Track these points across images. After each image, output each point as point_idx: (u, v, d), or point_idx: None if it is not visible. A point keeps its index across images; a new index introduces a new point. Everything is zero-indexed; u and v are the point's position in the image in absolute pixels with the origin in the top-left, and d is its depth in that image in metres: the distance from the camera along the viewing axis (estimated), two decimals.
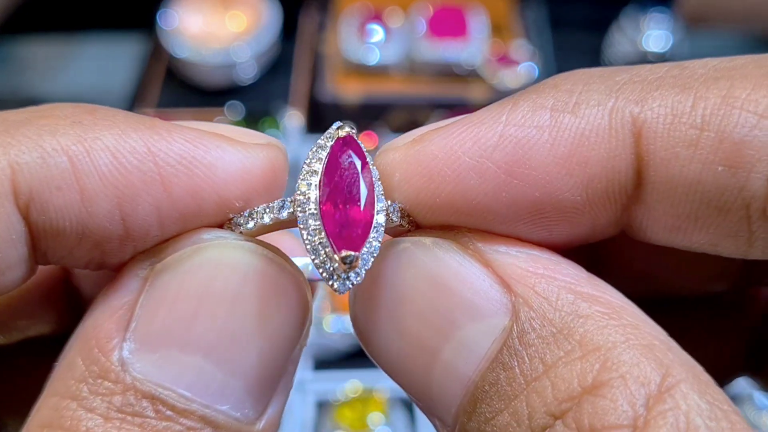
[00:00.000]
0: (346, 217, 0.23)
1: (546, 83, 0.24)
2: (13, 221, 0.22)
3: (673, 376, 0.20)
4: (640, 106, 0.22)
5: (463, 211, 0.24)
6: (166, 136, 0.24)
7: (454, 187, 0.23)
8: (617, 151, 0.22)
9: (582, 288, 0.23)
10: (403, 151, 0.24)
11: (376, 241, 0.24)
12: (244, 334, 0.24)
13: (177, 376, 0.23)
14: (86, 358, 0.23)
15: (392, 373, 0.25)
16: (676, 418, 0.19)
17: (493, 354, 0.22)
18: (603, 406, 0.20)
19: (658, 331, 0.22)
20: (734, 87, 0.22)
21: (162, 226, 0.24)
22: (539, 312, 0.22)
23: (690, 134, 0.22)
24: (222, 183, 0.24)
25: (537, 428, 0.21)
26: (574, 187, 0.23)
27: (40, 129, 0.23)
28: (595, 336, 0.21)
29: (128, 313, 0.23)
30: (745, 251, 0.23)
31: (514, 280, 0.23)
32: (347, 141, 0.24)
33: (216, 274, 0.24)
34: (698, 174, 0.22)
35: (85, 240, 0.23)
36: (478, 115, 0.24)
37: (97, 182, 0.23)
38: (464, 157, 0.23)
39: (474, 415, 0.23)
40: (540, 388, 0.21)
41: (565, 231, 0.24)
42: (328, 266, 0.23)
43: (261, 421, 0.24)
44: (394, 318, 0.24)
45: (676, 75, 0.23)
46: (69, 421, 0.22)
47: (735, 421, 0.20)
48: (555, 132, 0.23)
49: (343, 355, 0.87)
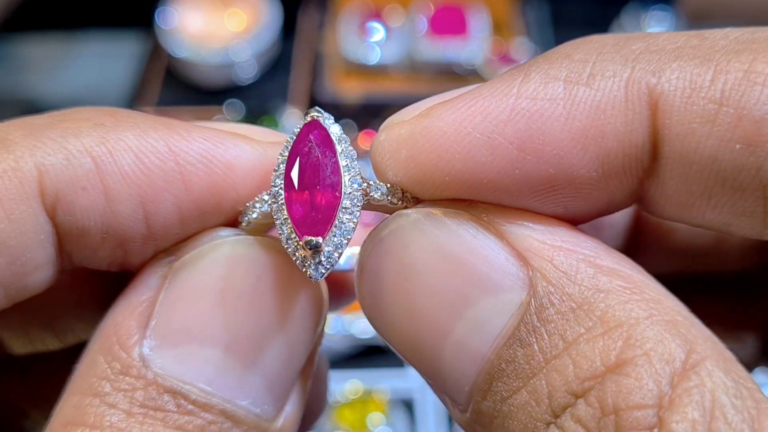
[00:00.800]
0: (310, 202, 0.23)
1: (557, 52, 0.23)
2: (41, 221, 0.23)
3: (698, 353, 0.20)
4: (657, 77, 0.21)
5: (474, 189, 0.23)
6: (185, 136, 0.24)
7: (465, 164, 0.22)
8: (634, 125, 0.21)
9: (602, 261, 0.22)
10: (410, 126, 0.23)
11: (350, 222, 0.23)
12: (262, 329, 0.24)
13: (198, 371, 0.23)
14: (108, 355, 0.23)
15: (402, 352, 0.25)
16: (701, 396, 0.19)
17: (510, 330, 0.22)
18: (627, 385, 0.19)
19: (680, 306, 0.21)
20: (757, 61, 0.20)
21: (183, 223, 0.24)
22: (558, 286, 0.21)
23: (708, 109, 0.21)
24: (240, 180, 0.25)
25: (557, 407, 0.20)
26: (590, 163, 0.22)
27: (64, 131, 0.23)
28: (617, 311, 0.20)
29: (148, 310, 0.24)
30: (760, 231, 0.22)
31: (531, 253, 0.22)
32: (313, 126, 0.24)
33: (234, 270, 0.24)
34: (714, 151, 0.21)
35: (109, 239, 0.24)
36: (488, 87, 0.23)
37: (120, 182, 0.23)
38: (474, 132, 0.22)
39: (489, 394, 0.22)
40: (560, 366, 0.21)
41: (580, 206, 0.23)
42: (299, 254, 0.23)
43: (280, 419, 0.25)
44: (404, 294, 0.23)
45: (695, 45, 0.22)
46: (92, 417, 0.22)
47: (760, 399, 0.19)
48: (569, 105, 0.22)
49: (343, 356, 0.87)
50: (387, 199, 0.24)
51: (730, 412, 0.19)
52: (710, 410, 0.19)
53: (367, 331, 0.85)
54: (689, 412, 0.19)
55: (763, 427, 0.19)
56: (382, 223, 0.24)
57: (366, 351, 0.87)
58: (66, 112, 0.25)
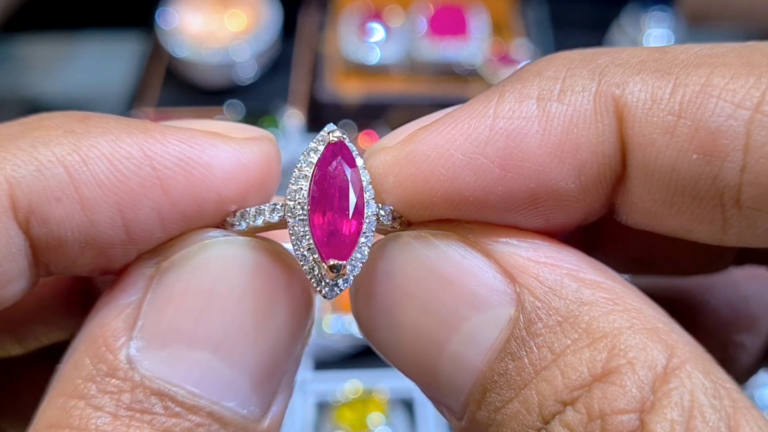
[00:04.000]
0: (334, 224, 0.23)
1: (528, 70, 0.24)
2: (13, 235, 0.22)
3: (678, 357, 0.21)
4: (621, 89, 0.22)
5: (460, 208, 0.24)
6: (160, 139, 0.24)
7: (450, 185, 0.23)
8: (604, 136, 0.23)
9: (584, 275, 0.23)
10: (394, 152, 0.24)
11: (366, 246, 0.24)
12: (250, 331, 0.24)
13: (185, 372, 0.23)
14: (94, 357, 0.23)
15: (399, 366, 0.25)
16: (681, 397, 0.20)
17: (501, 344, 0.23)
18: (613, 392, 0.20)
19: (661, 313, 0.22)
20: (713, 75, 0.21)
21: (165, 228, 0.24)
22: (544, 301, 0.22)
23: (667, 120, 0.22)
24: (220, 181, 0.24)
25: (548, 416, 0.21)
26: (568, 175, 0.23)
27: (33, 141, 0.23)
28: (601, 323, 0.21)
29: (135, 311, 0.23)
30: (720, 238, 0.23)
31: (517, 270, 0.23)
32: (338, 146, 0.24)
33: (223, 271, 0.24)
34: (674, 161, 0.22)
35: (88, 248, 0.23)
36: (466, 110, 0.24)
37: (96, 190, 0.23)
38: (456, 154, 0.23)
39: (483, 404, 0.23)
40: (549, 377, 0.21)
41: (561, 218, 0.24)
42: (316, 272, 0.23)
43: (266, 419, 0.25)
44: (398, 312, 0.24)
45: (657, 59, 0.23)
46: (78, 420, 0.22)
47: (737, 399, 0.20)
48: (544, 121, 0.23)
49: (343, 356, 0.87)
50: (390, 224, 0.25)
51: (708, 411, 0.20)
52: (689, 410, 0.20)
53: None
54: (668, 413, 0.20)
55: (739, 424, 0.20)
56: (375, 244, 0.25)
57: (366, 351, 0.87)
58: (35, 118, 0.24)
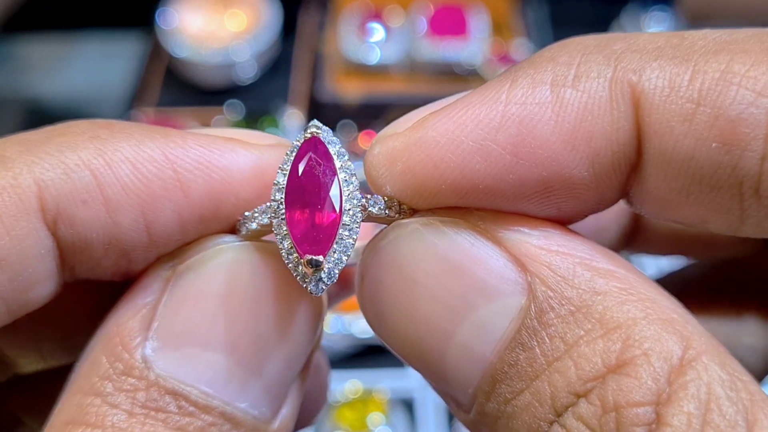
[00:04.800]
0: (311, 220, 0.23)
1: (542, 56, 0.24)
2: (42, 237, 0.23)
3: (694, 348, 0.20)
4: (638, 75, 0.22)
5: (470, 196, 0.23)
6: (181, 143, 0.25)
7: (460, 172, 0.23)
8: (620, 123, 0.22)
9: (597, 263, 0.22)
10: (404, 138, 0.24)
11: (349, 239, 0.24)
12: (263, 333, 0.24)
13: (199, 373, 0.23)
14: (110, 356, 0.23)
15: (405, 357, 0.25)
16: (697, 389, 0.19)
17: (511, 334, 0.22)
18: (628, 384, 0.20)
19: (675, 303, 0.22)
20: (733, 61, 0.21)
21: (183, 230, 0.25)
22: (556, 290, 0.22)
23: (686, 108, 0.21)
24: (238, 185, 0.25)
25: (560, 408, 0.21)
26: (581, 163, 0.22)
27: (60, 146, 0.24)
28: (615, 312, 0.21)
29: (151, 312, 0.24)
30: (736, 228, 0.22)
31: (528, 259, 0.22)
32: (312, 141, 0.24)
33: (238, 275, 0.24)
34: (692, 150, 0.21)
35: (111, 250, 0.24)
36: (478, 95, 0.23)
37: (120, 193, 0.24)
38: (467, 140, 0.22)
39: (493, 396, 0.22)
40: (562, 368, 0.21)
41: (573, 206, 0.24)
42: (300, 270, 0.23)
43: (276, 421, 0.25)
44: (405, 302, 0.24)
45: (675, 45, 0.22)
46: (94, 417, 0.22)
47: (754, 391, 0.20)
48: (558, 108, 0.22)
49: (343, 356, 0.87)
50: (384, 213, 0.24)
51: (725, 404, 0.19)
52: (706, 402, 0.19)
53: (367, 331, 0.85)
54: (685, 405, 0.19)
55: (756, 418, 0.19)
56: (381, 232, 0.25)
57: (366, 351, 0.87)
58: (61, 126, 0.25)
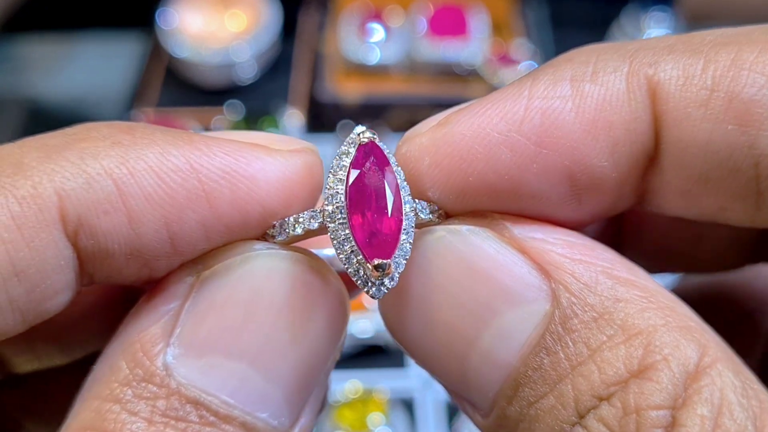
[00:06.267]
0: (374, 224, 0.24)
1: (560, 59, 0.25)
2: (62, 248, 0.22)
3: (710, 356, 0.21)
4: (654, 68, 0.23)
5: (496, 188, 0.24)
6: (206, 151, 0.24)
7: (486, 163, 0.24)
8: (637, 113, 0.23)
9: (618, 272, 0.23)
10: (430, 134, 0.25)
11: (408, 243, 0.24)
12: (287, 344, 0.24)
13: (221, 382, 0.23)
14: (131, 362, 0.23)
15: (424, 361, 0.25)
16: (711, 394, 0.20)
17: (536, 339, 0.23)
18: (649, 388, 0.21)
19: (691, 312, 0.23)
20: (742, 51, 0.22)
21: (209, 239, 0.24)
22: (580, 297, 0.23)
23: (701, 95, 0.22)
24: (264, 193, 0.24)
25: (583, 410, 0.22)
26: (601, 152, 0.23)
27: (81, 153, 0.23)
28: (636, 319, 0.22)
29: (174, 318, 0.23)
30: (753, 216, 0.23)
31: (552, 267, 0.23)
32: (369, 147, 0.25)
33: (264, 283, 0.24)
34: (709, 133, 0.22)
35: (133, 260, 0.24)
36: (500, 93, 0.24)
37: (143, 204, 0.23)
38: (493, 132, 0.24)
39: (515, 400, 0.23)
40: (586, 372, 0.22)
41: (594, 200, 0.25)
42: (362, 273, 0.24)
43: (295, 430, 0.25)
44: (429, 308, 0.24)
45: (685, 41, 0.24)
46: (112, 424, 0.22)
47: (764, 399, 0.21)
48: (578, 100, 0.23)
49: (343, 356, 0.87)
50: (429, 218, 0.25)
51: (737, 409, 0.20)
52: (718, 407, 0.20)
53: (367, 331, 0.85)
54: (698, 408, 0.20)
55: (765, 424, 0.20)
56: None
57: (366, 351, 0.87)
58: (81, 129, 0.24)
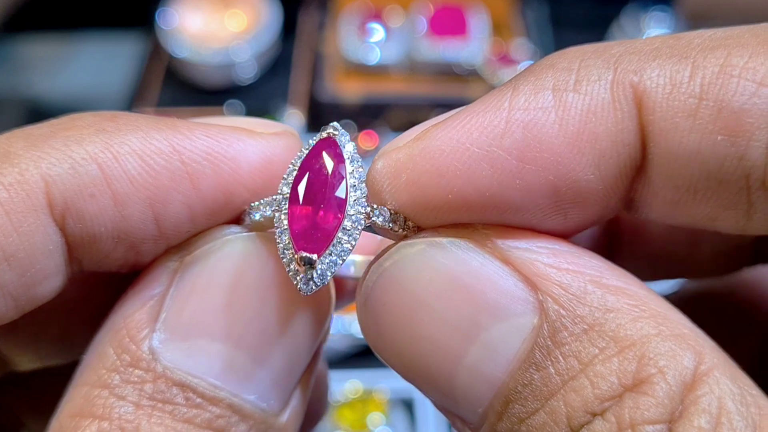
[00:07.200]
0: (312, 218, 0.23)
1: (541, 64, 0.24)
2: (50, 232, 0.23)
3: (706, 363, 0.20)
4: (639, 75, 0.22)
5: (477, 206, 0.23)
6: (188, 134, 0.24)
7: (466, 180, 0.22)
8: (623, 124, 0.22)
9: (608, 281, 0.22)
10: (407, 150, 0.23)
11: (347, 243, 0.23)
12: (271, 325, 0.24)
13: (207, 364, 0.23)
14: (117, 348, 0.23)
15: (411, 380, 0.24)
16: (709, 403, 0.20)
17: (524, 354, 0.22)
18: (645, 402, 0.20)
19: (685, 318, 0.22)
20: (731, 55, 0.21)
21: (193, 221, 0.25)
22: (569, 309, 0.21)
23: (689, 103, 0.21)
24: (247, 174, 0.25)
25: (576, 426, 0.21)
26: (587, 166, 0.22)
27: (66, 140, 0.23)
28: (628, 330, 0.21)
29: (158, 303, 0.24)
30: (744, 225, 0.22)
31: (538, 278, 0.22)
32: (328, 142, 0.24)
33: (245, 266, 0.24)
34: (698, 144, 0.21)
35: (120, 243, 0.24)
36: (479, 104, 0.23)
37: (128, 186, 0.23)
38: (473, 147, 0.22)
39: (505, 416, 0.22)
40: (578, 387, 0.21)
41: (580, 213, 0.23)
42: (293, 266, 0.23)
43: (285, 413, 0.25)
44: (411, 323, 0.23)
45: (671, 45, 0.22)
46: (101, 409, 0.22)
47: (763, 405, 0.20)
48: (561, 111, 0.22)
49: (343, 356, 0.87)
50: (388, 226, 0.24)
51: (735, 417, 0.19)
52: (717, 416, 0.19)
53: None
54: (696, 420, 0.19)
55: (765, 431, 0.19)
56: (386, 253, 0.24)
57: (366, 351, 0.87)
58: (65, 119, 0.25)
